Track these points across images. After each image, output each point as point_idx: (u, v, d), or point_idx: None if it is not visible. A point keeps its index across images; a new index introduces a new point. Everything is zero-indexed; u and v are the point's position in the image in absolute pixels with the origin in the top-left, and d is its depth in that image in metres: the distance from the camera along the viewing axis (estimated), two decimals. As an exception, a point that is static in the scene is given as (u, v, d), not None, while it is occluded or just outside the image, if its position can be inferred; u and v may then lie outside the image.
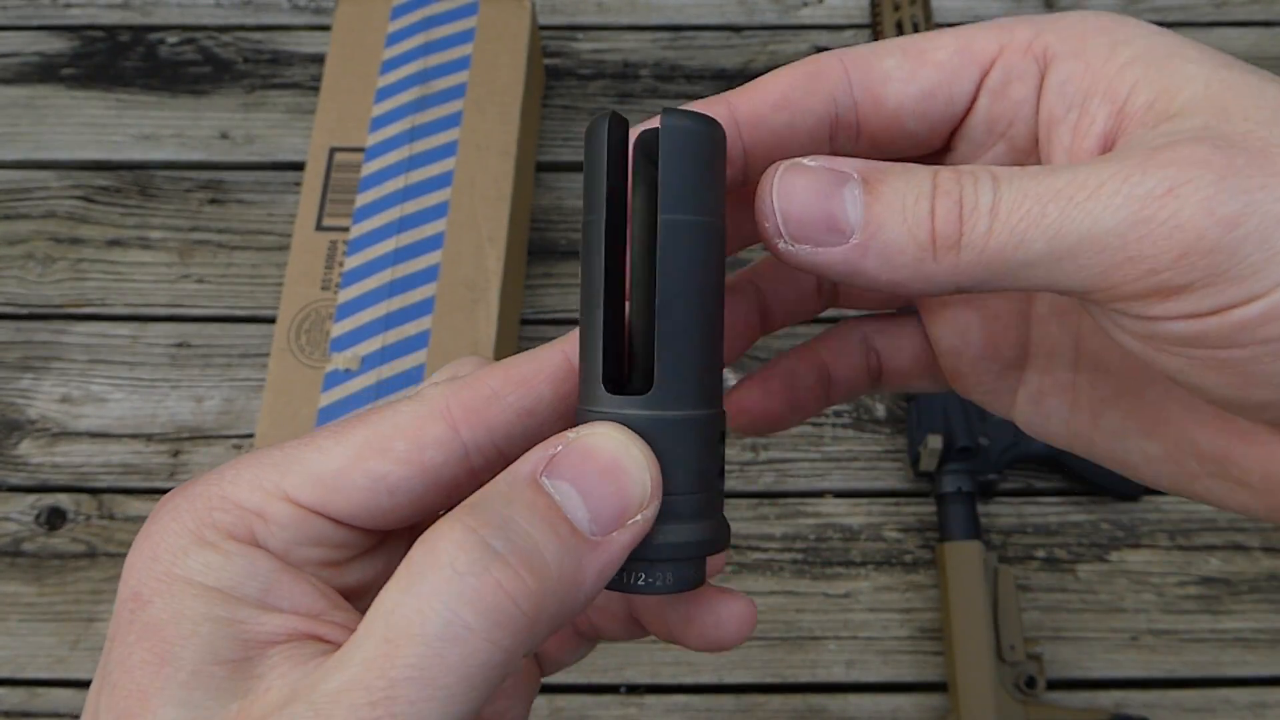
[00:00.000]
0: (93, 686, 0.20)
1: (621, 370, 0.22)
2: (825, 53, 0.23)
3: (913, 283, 0.20)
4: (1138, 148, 0.19)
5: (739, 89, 0.23)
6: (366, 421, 0.21)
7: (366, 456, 0.20)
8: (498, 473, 0.20)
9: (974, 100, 0.23)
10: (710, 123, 0.21)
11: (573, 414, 0.22)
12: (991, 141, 0.23)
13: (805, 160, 0.20)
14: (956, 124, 0.24)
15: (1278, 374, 0.18)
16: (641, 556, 0.20)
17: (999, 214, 0.19)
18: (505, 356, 0.23)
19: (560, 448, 0.19)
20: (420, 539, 0.18)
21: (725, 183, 0.22)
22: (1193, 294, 0.18)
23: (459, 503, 0.19)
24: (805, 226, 0.20)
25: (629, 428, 0.20)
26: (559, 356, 0.22)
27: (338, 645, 0.19)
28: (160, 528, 0.20)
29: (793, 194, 0.20)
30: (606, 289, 0.21)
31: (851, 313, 0.29)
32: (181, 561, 0.19)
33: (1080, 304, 0.24)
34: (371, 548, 0.22)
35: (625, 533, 0.19)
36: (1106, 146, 0.20)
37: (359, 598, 0.22)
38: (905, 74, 0.23)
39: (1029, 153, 0.23)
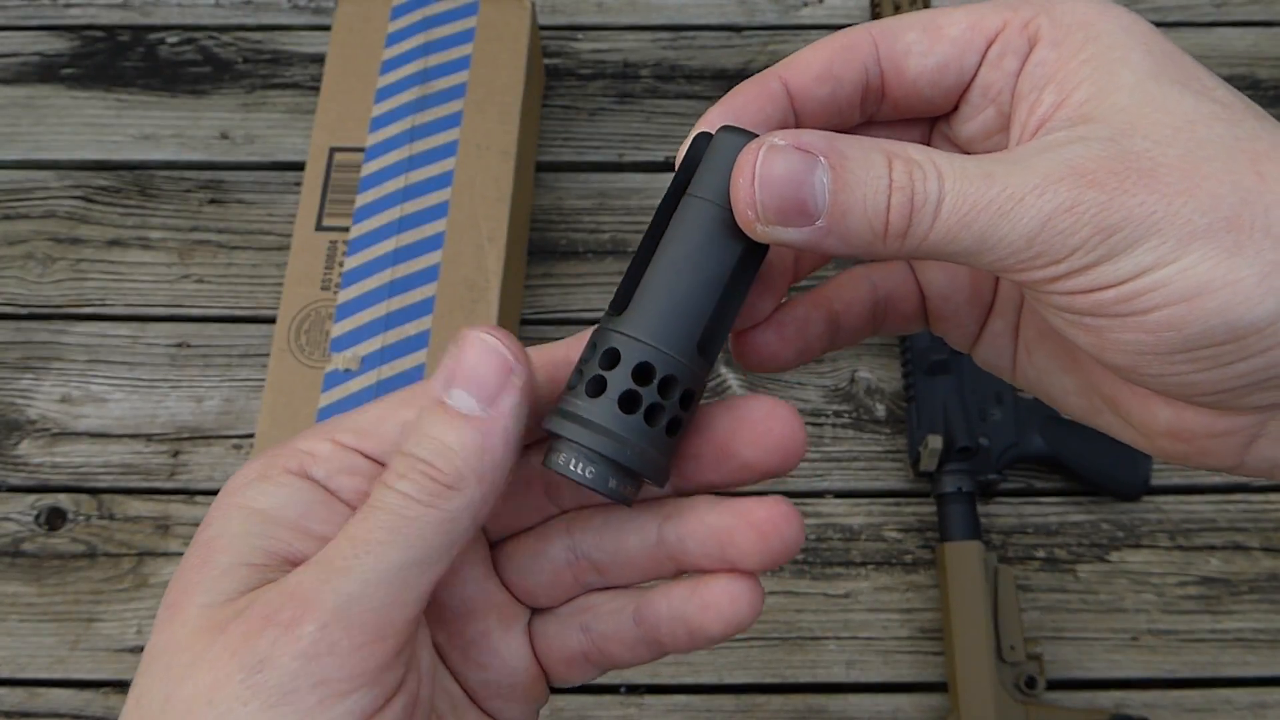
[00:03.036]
0: None
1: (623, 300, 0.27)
2: (855, 27, 0.27)
3: (858, 256, 0.24)
4: (1054, 148, 0.23)
5: (784, 62, 0.27)
6: (407, 388, 0.26)
7: (397, 408, 0.26)
8: None
9: (978, 70, 0.26)
10: (749, 137, 0.25)
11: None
12: (985, 105, 0.27)
13: (776, 139, 0.23)
14: (964, 89, 0.27)
15: (1126, 342, 0.23)
16: (562, 435, 0.25)
17: (940, 214, 0.23)
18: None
19: (450, 360, 0.24)
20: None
21: None
22: (1072, 279, 0.23)
23: None
24: (780, 213, 0.23)
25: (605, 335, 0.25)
26: (560, 352, 0.27)
27: None
28: (239, 471, 0.26)
29: (772, 182, 0.23)
30: (642, 246, 0.26)
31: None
32: (243, 491, 0.25)
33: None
34: None
35: (510, 394, 0.24)
36: (1041, 126, 0.25)
37: None
38: (924, 48, 0.26)
39: (1009, 117, 0.27)
